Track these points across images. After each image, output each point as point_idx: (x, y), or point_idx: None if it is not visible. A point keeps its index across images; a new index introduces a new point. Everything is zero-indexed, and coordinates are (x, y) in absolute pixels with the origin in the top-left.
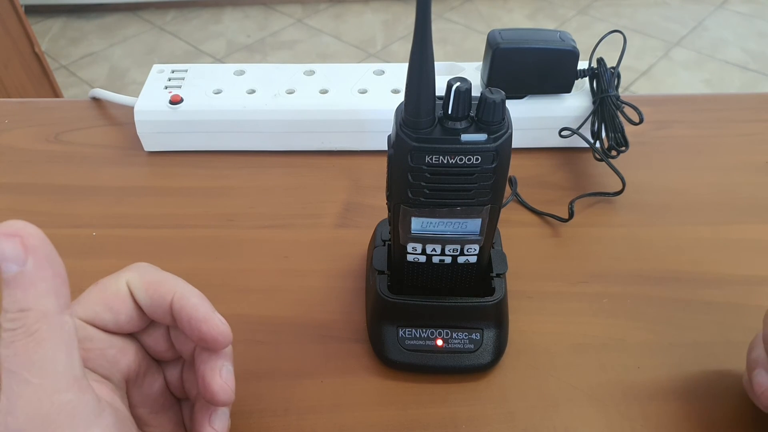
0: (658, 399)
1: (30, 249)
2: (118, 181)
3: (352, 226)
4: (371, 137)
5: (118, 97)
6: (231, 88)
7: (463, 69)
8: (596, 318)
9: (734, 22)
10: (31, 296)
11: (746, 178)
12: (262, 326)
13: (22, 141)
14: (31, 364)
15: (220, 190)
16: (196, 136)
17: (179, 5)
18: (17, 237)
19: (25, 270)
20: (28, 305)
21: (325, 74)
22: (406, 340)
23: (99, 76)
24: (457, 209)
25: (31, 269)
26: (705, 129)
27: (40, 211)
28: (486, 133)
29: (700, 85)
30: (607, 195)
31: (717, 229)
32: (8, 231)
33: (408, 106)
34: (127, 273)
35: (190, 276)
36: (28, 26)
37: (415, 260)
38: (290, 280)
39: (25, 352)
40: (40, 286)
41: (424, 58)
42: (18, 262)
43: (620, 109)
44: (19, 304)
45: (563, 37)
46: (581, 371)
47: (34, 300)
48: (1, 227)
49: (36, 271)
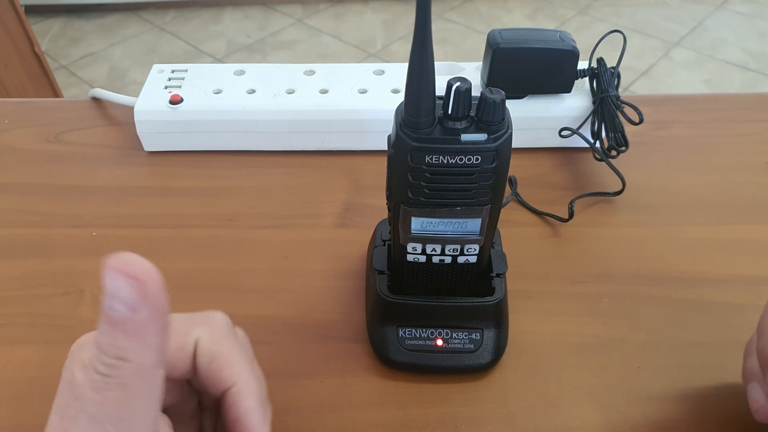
0: (658, 399)
1: (148, 298)
2: (118, 181)
3: (352, 226)
4: (371, 137)
5: (118, 97)
6: (231, 88)
7: (463, 69)
8: (596, 318)
9: (734, 22)
10: (134, 347)
11: (746, 178)
12: (262, 326)
13: (22, 141)
14: (118, 420)
15: (220, 190)
16: (196, 136)
17: (179, 5)
18: (137, 281)
19: (135, 317)
20: (128, 356)
21: (325, 74)
22: (406, 340)
23: (99, 76)
24: (457, 209)
25: (142, 319)
26: (705, 129)
27: (40, 211)
28: (486, 133)
29: (700, 85)
30: (607, 195)
31: (717, 229)
32: (128, 270)
33: (408, 106)
34: (200, 329)
35: (190, 276)
36: (28, 26)
37: (415, 260)
38: (290, 280)
39: (116, 406)
40: (147, 339)
41: (424, 58)
42: (130, 307)
43: (620, 109)
44: (119, 351)
45: (563, 37)
46: (581, 371)
47: (136, 353)
48: (120, 261)
49: (147, 322)
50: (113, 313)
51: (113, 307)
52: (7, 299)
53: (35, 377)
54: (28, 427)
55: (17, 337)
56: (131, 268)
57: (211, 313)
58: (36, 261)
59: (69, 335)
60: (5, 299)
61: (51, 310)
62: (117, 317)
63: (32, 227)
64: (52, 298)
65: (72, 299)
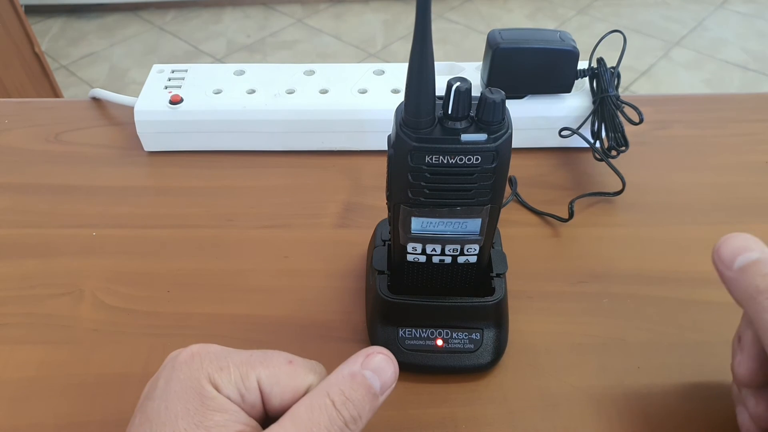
0: (658, 399)
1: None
2: (118, 181)
3: (352, 226)
4: (371, 137)
5: (118, 97)
6: (231, 88)
7: (463, 69)
8: (596, 318)
9: (734, 22)
10: (368, 413)
11: (746, 178)
12: (262, 326)
13: (22, 141)
14: None
15: (220, 190)
16: (196, 136)
17: (179, 5)
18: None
19: (383, 397)
20: (363, 417)
21: (325, 74)
22: (406, 340)
23: (99, 76)
24: (457, 209)
25: (383, 398)
26: (705, 129)
27: (40, 211)
28: (486, 133)
29: (700, 85)
30: (607, 195)
31: (717, 229)
32: (392, 363)
33: (408, 106)
34: (312, 377)
35: (190, 276)
36: (28, 26)
37: (415, 260)
38: (290, 280)
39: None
40: (375, 408)
41: (424, 58)
42: (382, 389)
43: (620, 109)
44: (360, 411)
45: (563, 37)
46: (581, 371)
47: (366, 416)
48: (385, 352)
49: (382, 400)
50: (371, 382)
51: (373, 383)
52: (7, 299)
53: (35, 377)
54: (28, 427)
55: (17, 337)
56: (393, 363)
57: (318, 364)
58: (36, 261)
59: (69, 335)
60: (5, 299)
61: (51, 310)
62: (372, 389)
63: (32, 227)
64: (52, 298)
65: (72, 299)
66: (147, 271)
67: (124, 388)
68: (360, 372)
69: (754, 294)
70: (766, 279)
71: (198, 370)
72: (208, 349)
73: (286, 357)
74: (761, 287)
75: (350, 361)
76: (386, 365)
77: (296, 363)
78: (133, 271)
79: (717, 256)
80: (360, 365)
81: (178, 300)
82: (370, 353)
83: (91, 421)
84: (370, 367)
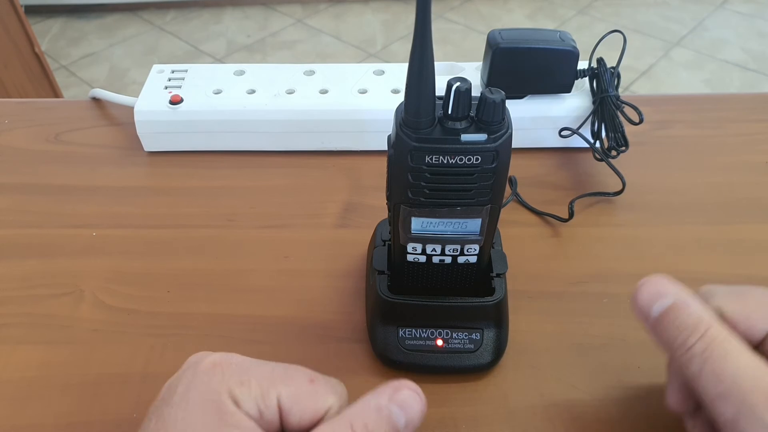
0: (658, 399)
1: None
2: (118, 181)
3: (352, 226)
4: (371, 137)
5: (118, 97)
6: (231, 88)
7: (463, 69)
8: (596, 318)
9: (734, 22)
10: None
11: (746, 178)
12: (262, 326)
13: (22, 141)
14: None
15: (220, 190)
16: (196, 136)
17: (179, 5)
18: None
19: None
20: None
21: (325, 74)
22: (406, 340)
23: (99, 76)
24: (457, 209)
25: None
26: (705, 129)
27: (40, 211)
28: (486, 133)
29: (700, 85)
30: (607, 195)
31: (717, 229)
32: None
33: (408, 106)
34: (332, 399)
35: (190, 276)
36: (28, 26)
37: (415, 260)
38: (290, 280)
39: None
40: None
41: (424, 58)
42: (407, 424)
43: (620, 109)
44: None
45: (563, 37)
46: (581, 371)
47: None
48: (418, 391)
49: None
50: (396, 419)
51: (398, 420)
52: (7, 299)
53: (35, 377)
54: (28, 427)
55: (17, 337)
56: (421, 399)
57: (338, 383)
58: (36, 261)
59: (69, 335)
60: (5, 299)
61: (51, 310)
62: (397, 426)
63: (32, 227)
64: (52, 298)
65: (72, 299)
66: (147, 271)
67: (124, 388)
68: (387, 406)
69: (673, 347)
70: (681, 332)
71: (219, 382)
72: (231, 359)
73: (307, 374)
74: (678, 341)
75: (377, 392)
76: (413, 402)
77: (317, 382)
78: (133, 271)
79: (635, 306)
80: (387, 399)
81: (178, 300)
82: (398, 387)
83: (91, 421)
84: (397, 401)
